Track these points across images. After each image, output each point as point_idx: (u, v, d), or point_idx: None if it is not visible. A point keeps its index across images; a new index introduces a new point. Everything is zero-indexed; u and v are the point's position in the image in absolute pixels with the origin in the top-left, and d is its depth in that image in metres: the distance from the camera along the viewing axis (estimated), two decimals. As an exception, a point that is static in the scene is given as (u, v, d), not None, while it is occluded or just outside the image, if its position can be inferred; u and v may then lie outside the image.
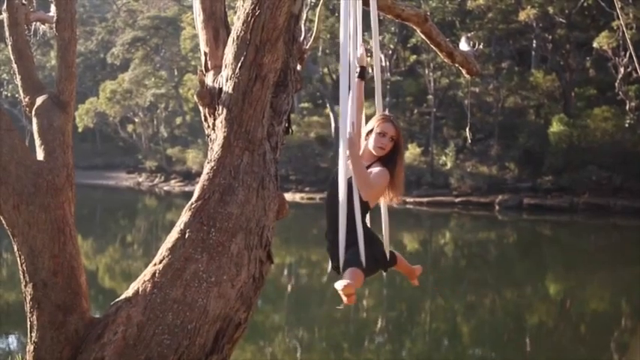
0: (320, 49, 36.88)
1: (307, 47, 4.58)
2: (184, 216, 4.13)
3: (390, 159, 3.67)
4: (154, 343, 3.90)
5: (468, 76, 5.20)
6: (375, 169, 3.64)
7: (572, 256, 19.88)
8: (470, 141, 29.78)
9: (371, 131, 3.78)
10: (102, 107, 43.35)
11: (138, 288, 4.06)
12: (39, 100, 4.36)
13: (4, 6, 4.47)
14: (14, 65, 4.47)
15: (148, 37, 45.08)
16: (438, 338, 11.47)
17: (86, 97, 45.65)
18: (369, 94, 3.95)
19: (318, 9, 4.82)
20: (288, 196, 29.20)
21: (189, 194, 4.93)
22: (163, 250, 4.11)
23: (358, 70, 3.72)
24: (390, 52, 37.12)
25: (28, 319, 4.06)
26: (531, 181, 29.69)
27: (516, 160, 30.66)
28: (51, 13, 5.43)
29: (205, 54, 4.50)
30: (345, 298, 3.38)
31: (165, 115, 45.33)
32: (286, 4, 3.95)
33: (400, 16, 4.65)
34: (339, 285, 3.33)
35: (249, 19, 3.99)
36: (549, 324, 12.50)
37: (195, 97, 4.34)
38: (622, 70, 28.51)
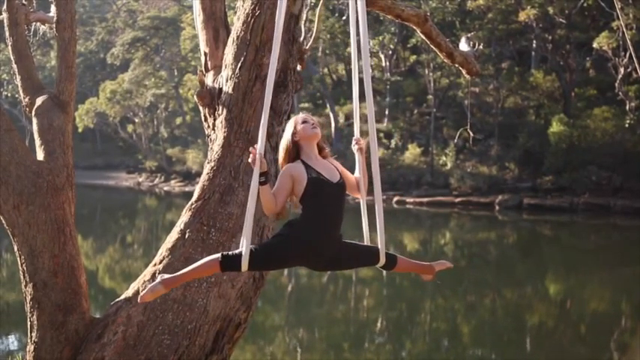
0: (320, 49, 36.88)
1: (307, 47, 4.58)
2: (184, 216, 4.13)
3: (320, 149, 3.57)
4: (154, 343, 3.90)
5: (468, 77, 5.20)
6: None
7: (572, 256, 19.87)
8: (456, 138, 29.88)
9: (294, 141, 3.51)
10: (102, 107, 43.34)
11: (138, 288, 4.06)
12: (39, 100, 4.37)
13: (4, 6, 4.48)
14: (14, 65, 4.47)
15: (148, 38, 45.08)
16: (438, 338, 11.47)
17: (86, 97, 45.65)
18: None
19: (318, 9, 4.82)
20: (288, 196, 29.08)
21: (189, 194, 4.93)
22: (163, 250, 4.11)
23: (262, 178, 3.29)
24: (390, 52, 37.11)
25: (28, 319, 4.06)
26: (531, 181, 29.69)
27: (516, 160, 30.66)
28: (51, 14, 5.43)
29: (205, 54, 4.50)
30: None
31: (165, 115, 45.34)
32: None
33: (400, 16, 4.65)
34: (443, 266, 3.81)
35: (249, 19, 3.99)
36: (549, 324, 12.50)
37: (195, 97, 4.34)
38: (622, 70, 28.51)
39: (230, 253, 3.30)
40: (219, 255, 3.29)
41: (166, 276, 3.20)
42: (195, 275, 3.35)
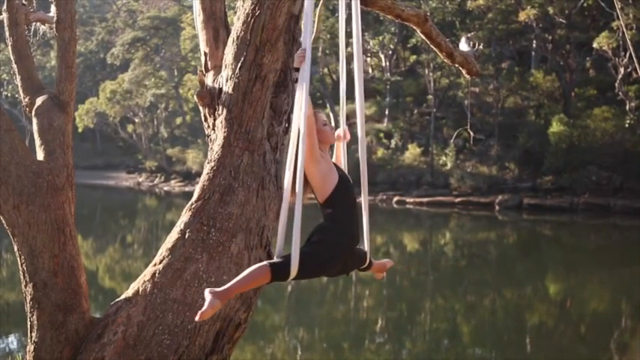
0: (320, 49, 36.88)
1: (307, 47, 4.57)
2: (184, 216, 4.13)
3: None
4: (154, 343, 3.90)
5: (468, 77, 5.20)
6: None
7: (572, 256, 19.87)
8: (453, 138, 29.92)
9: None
10: (102, 107, 43.36)
11: (138, 288, 4.06)
12: (39, 100, 4.36)
13: (4, 6, 4.47)
14: (14, 65, 4.47)
15: (148, 38, 45.09)
16: (438, 338, 11.47)
17: (86, 97, 45.67)
18: (369, 95, 3.90)
19: (317, 9, 4.82)
20: (288, 196, 29.10)
21: (189, 194, 4.93)
22: (163, 250, 4.11)
23: (296, 74, 3.34)
24: (390, 52, 37.10)
25: (28, 319, 4.05)
26: (531, 181, 29.70)
27: (516, 160, 30.66)
28: (51, 14, 5.43)
29: (205, 54, 4.50)
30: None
31: (165, 115, 45.35)
32: (286, 4, 3.95)
33: (400, 16, 4.65)
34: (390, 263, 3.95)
35: (249, 19, 3.99)
36: (549, 324, 12.50)
37: (195, 97, 4.34)
38: (622, 70, 28.51)
39: (277, 261, 3.20)
40: (266, 263, 3.19)
41: (217, 290, 3.11)
42: (244, 287, 3.21)
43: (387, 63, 37.19)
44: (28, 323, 4.05)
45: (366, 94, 4.05)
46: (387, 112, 36.55)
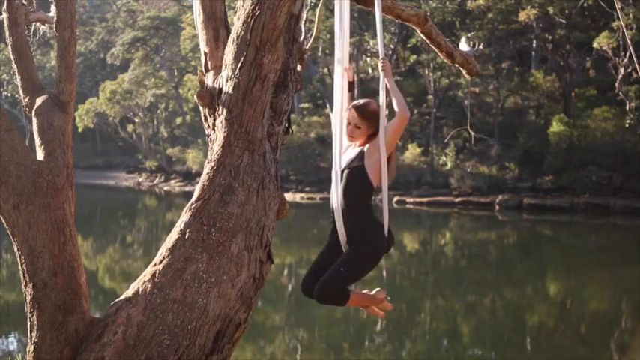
0: (320, 49, 36.87)
1: (307, 47, 4.57)
2: (184, 216, 4.13)
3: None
4: (154, 343, 3.90)
5: (468, 77, 5.20)
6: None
7: (572, 256, 19.87)
8: (447, 139, 29.99)
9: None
10: (102, 107, 43.35)
11: (138, 288, 4.06)
12: (39, 101, 4.36)
13: (4, 6, 4.47)
14: (14, 65, 4.46)
15: (148, 38, 45.08)
16: (438, 338, 11.47)
17: (86, 97, 45.67)
18: (369, 95, 3.96)
19: (318, 9, 4.83)
20: (288, 196, 29.21)
21: (189, 194, 4.92)
22: (163, 250, 4.11)
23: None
24: (390, 52, 37.09)
25: (28, 319, 4.05)
26: (531, 181, 29.69)
27: (516, 160, 30.65)
28: (51, 14, 5.43)
29: (205, 54, 4.49)
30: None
31: (165, 115, 45.35)
32: (286, 4, 3.95)
33: (400, 16, 4.65)
34: None
35: (249, 19, 3.99)
36: (549, 324, 12.50)
37: (195, 97, 4.34)
38: (622, 70, 28.49)
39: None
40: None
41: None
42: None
43: (387, 63, 37.15)
44: (28, 323, 4.05)
45: (366, 94, 4.06)
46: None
